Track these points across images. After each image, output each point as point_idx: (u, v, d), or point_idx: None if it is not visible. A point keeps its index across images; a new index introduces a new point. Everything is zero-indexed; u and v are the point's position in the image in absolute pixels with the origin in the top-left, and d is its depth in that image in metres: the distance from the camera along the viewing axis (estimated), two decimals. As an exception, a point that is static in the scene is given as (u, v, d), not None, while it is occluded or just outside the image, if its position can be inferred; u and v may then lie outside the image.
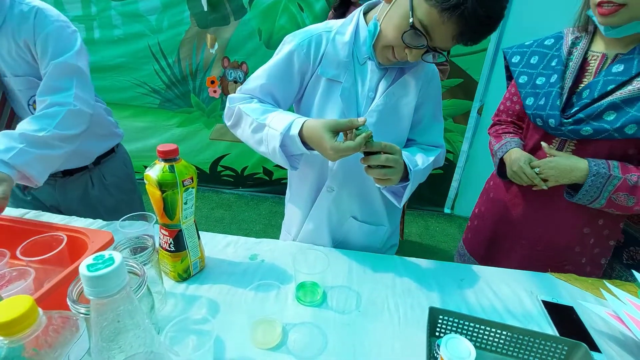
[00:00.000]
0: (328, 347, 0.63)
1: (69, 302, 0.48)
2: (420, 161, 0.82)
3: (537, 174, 0.90)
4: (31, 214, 0.96)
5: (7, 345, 0.30)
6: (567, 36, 0.91)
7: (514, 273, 0.87)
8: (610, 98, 0.79)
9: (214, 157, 2.90)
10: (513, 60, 1.02)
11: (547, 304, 0.76)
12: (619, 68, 0.79)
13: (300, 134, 0.70)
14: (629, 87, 0.77)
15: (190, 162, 0.70)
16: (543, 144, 0.91)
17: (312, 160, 0.87)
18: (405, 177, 0.78)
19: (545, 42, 0.96)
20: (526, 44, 1.02)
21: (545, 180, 0.89)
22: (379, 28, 0.73)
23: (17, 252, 0.63)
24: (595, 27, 0.85)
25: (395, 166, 0.70)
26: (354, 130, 0.67)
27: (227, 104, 0.84)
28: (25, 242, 0.65)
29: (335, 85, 0.80)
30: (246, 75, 2.61)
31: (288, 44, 0.81)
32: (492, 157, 1.10)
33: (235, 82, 2.63)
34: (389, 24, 0.70)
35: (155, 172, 0.65)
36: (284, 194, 1.06)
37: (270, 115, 0.75)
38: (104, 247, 0.70)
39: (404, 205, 1.10)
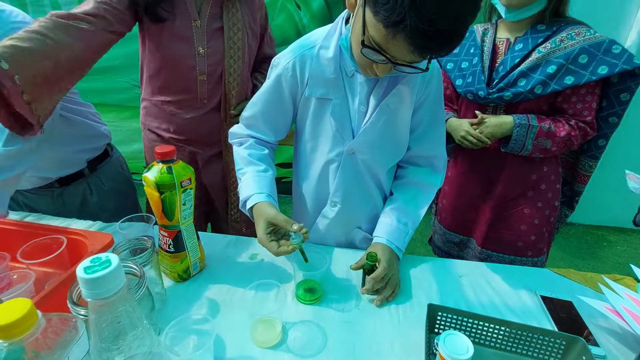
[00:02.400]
0: (328, 345, 0.63)
1: (69, 304, 0.48)
2: (407, 228, 0.85)
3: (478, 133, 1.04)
4: (31, 217, 0.96)
5: (6, 347, 0.31)
6: (478, 29, 1.12)
7: (513, 269, 0.87)
8: (519, 68, 0.99)
9: (214, 157, 2.90)
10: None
11: (545, 299, 0.76)
12: (519, 46, 1.00)
13: (250, 208, 0.78)
14: (530, 59, 0.98)
15: (188, 164, 0.71)
16: (477, 112, 1.06)
17: (312, 177, 0.88)
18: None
19: None
20: None
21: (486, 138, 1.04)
22: (349, 40, 0.69)
23: (18, 255, 0.64)
24: (499, 19, 1.07)
25: (389, 282, 0.75)
26: (289, 233, 0.71)
27: (229, 138, 0.92)
28: (25, 245, 0.65)
29: (326, 103, 0.78)
30: (244, 74, 2.61)
31: (275, 68, 0.81)
32: None
33: (234, 81, 2.63)
34: (353, 38, 0.66)
35: (153, 173, 0.65)
36: (284, 193, 1.06)
37: (247, 173, 0.82)
38: (103, 249, 0.70)
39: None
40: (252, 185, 0.79)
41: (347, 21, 0.75)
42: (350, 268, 0.78)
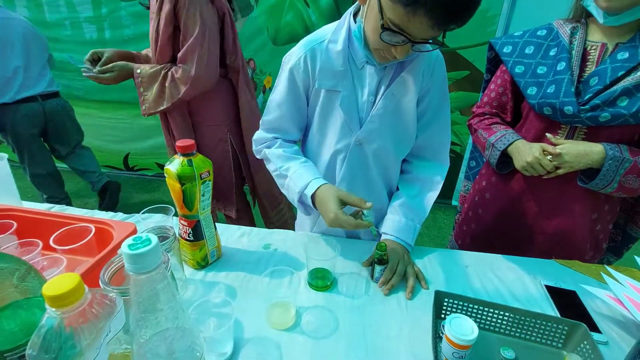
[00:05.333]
0: (339, 329, 0.67)
1: (101, 284, 0.52)
2: (414, 223, 0.88)
3: (550, 161, 0.88)
4: (56, 208, 1.01)
5: (59, 315, 0.35)
6: (562, 27, 0.92)
7: (519, 260, 0.89)
8: (622, 84, 0.80)
9: (223, 153, 2.95)
10: (504, 50, 1.00)
11: (550, 289, 0.79)
12: (624, 55, 0.81)
13: (313, 194, 0.79)
14: (639, 73, 0.79)
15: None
16: (548, 135, 0.91)
17: (320, 168, 0.90)
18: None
19: (538, 33, 0.96)
20: (515, 34, 1.01)
21: (557, 168, 0.89)
22: (362, 31, 0.72)
23: (51, 241, 0.68)
24: (589, 18, 0.88)
25: (397, 272, 0.79)
26: (362, 211, 0.75)
27: (253, 146, 0.93)
28: (57, 232, 0.70)
29: (335, 94, 0.81)
30: (254, 71, 2.64)
31: (287, 65, 0.82)
32: (483, 150, 1.05)
33: (243, 78, 2.67)
34: (368, 27, 0.69)
35: (174, 166, 0.69)
36: None
37: (292, 167, 0.84)
38: (127, 237, 0.74)
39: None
40: (305, 175, 0.81)
41: (354, 16, 0.79)
42: (362, 265, 0.83)
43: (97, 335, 0.36)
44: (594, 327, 0.69)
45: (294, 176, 0.82)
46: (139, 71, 1.23)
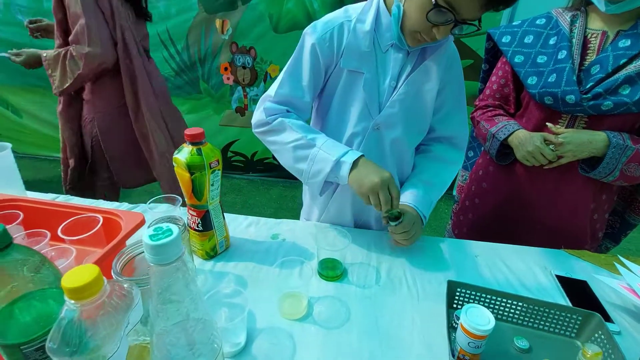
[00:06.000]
0: (351, 318, 0.67)
1: (113, 275, 0.52)
2: (431, 197, 0.88)
3: (552, 151, 0.89)
4: (61, 198, 1.00)
5: (78, 308, 0.34)
6: (562, 15, 0.91)
7: (528, 250, 0.89)
8: (624, 71, 0.79)
9: (224, 142, 2.93)
10: (503, 40, 0.99)
11: (560, 279, 0.79)
12: (625, 43, 0.80)
13: (357, 159, 0.76)
14: None
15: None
16: (549, 124, 0.90)
17: None
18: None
19: (537, 22, 0.95)
20: (514, 24, 1.01)
21: (559, 158, 0.89)
22: (402, 11, 0.72)
23: (59, 232, 0.67)
24: (589, 6, 0.87)
25: (414, 228, 0.80)
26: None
27: (263, 115, 0.83)
28: (65, 222, 0.69)
29: (358, 76, 0.80)
30: (254, 60, 2.60)
31: (309, 37, 0.79)
32: (484, 141, 1.06)
33: (244, 67, 2.63)
34: (412, 6, 0.69)
35: (184, 155, 0.67)
36: (294, 178, 1.08)
37: (320, 138, 0.80)
38: (136, 228, 0.73)
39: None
40: (339, 145, 0.79)
41: None
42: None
43: (117, 327, 0.36)
44: (606, 317, 0.69)
45: (325, 146, 0.78)
46: (45, 55, 1.34)
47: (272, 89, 0.83)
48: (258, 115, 0.84)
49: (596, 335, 0.60)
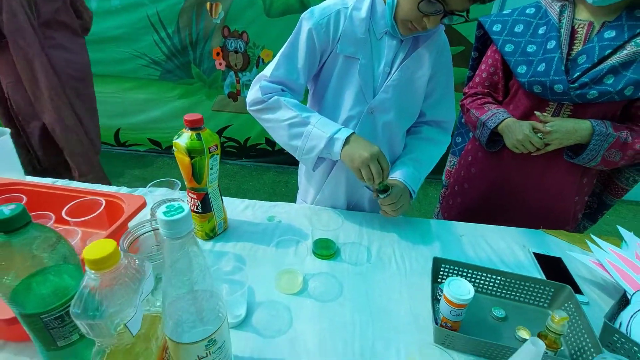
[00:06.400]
0: (344, 293, 0.72)
1: (121, 253, 0.55)
2: (420, 174, 0.94)
3: (540, 139, 0.92)
4: (60, 182, 1.02)
5: (99, 277, 0.37)
6: (550, 5, 0.93)
7: (509, 230, 0.95)
8: (609, 62, 0.83)
9: (217, 128, 2.92)
10: (494, 29, 1.02)
11: (537, 256, 0.85)
12: (610, 34, 0.83)
13: (348, 137, 0.79)
14: (624, 52, 0.82)
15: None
16: (537, 113, 0.94)
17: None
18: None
19: (527, 11, 0.98)
20: (505, 12, 1.02)
21: (546, 145, 0.93)
22: (396, 1, 0.76)
23: (63, 213, 0.70)
24: None
25: (401, 200, 0.85)
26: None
27: (259, 93, 0.84)
28: (70, 204, 0.71)
29: (353, 62, 0.83)
30: (247, 44, 2.58)
31: (307, 22, 0.81)
32: (474, 128, 1.09)
33: (236, 52, 2.61)
34: None
35: (184, 140, 0.70)
36: (287, 164, 1.11)
37: (314, 116, 0.82)
38: (138, 210, 0.76)
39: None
40: (332, 123, 0.82)
41: None
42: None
43: (133, 295, 0.39)
44: (577, 289, 0.75)
45: (319, 124, 0.81)
46: None
47: (268, 70, 0.86)
48: (254, 93, 0.86)
49: (566, 305, 0.66)
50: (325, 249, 0.81)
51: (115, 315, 0.38)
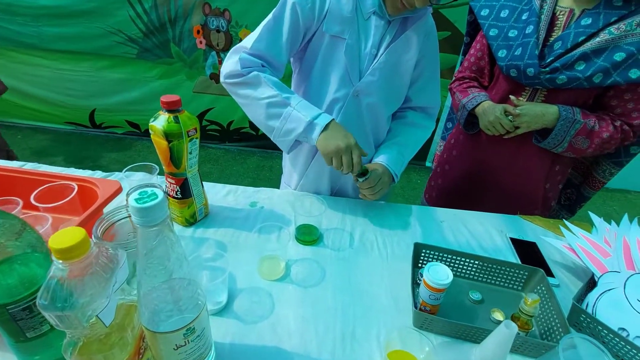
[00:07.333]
0: (326, 278, 0.72)
1: (94, 240, 0.53)
2: (404, 157, 0.94)
3: (510, 121, 0.95)
4: (29, 166, 0.97)
5: (67, 267, 0.36)
6: None
7: (488, 216, 0.97)
8: (581, 48, 0.85)
9: (198, 111, 2.84)
10: (482, 13, 1.02)
11: (514, 241, 0.87)
12: (587, 21, 0.85)
13: (328, 124, 0.78)
14: (597, 39, 0.83)
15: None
16: (511, 97, 0.95)
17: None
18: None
19: None
20: None
21: (516, 128, 0.96)
22: None
23: (32, 198, 0.66)
24: None
25: (380, 184, 0.85)
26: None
27: (237, 65, 0.79)
28: (38, 189, 0.68)
29: (339, 41, 0.81)
30: (229, 23, 2.48)
31: None
32: (456, 111, 1.12)
33: (218, 31, 2.51)
34: None
35: (160, 122, 0.67)
36: (271, 148, 1.10)
37: (294, 98, 0.80)
38: (113, 196, 0.74)
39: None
40: (312, 107, 0.80)
41: None
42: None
43: (105, 285, 0.38)
44: (549, 273, 0.78)
45: (299, 106, 0.79)
46: None
47: (249, 41, 0.80)
48: (232, 65, 0.80)
49: (538, 287, 0.69)
50: (308, 235, 0.81)
51: (87, 306, 0.37)
